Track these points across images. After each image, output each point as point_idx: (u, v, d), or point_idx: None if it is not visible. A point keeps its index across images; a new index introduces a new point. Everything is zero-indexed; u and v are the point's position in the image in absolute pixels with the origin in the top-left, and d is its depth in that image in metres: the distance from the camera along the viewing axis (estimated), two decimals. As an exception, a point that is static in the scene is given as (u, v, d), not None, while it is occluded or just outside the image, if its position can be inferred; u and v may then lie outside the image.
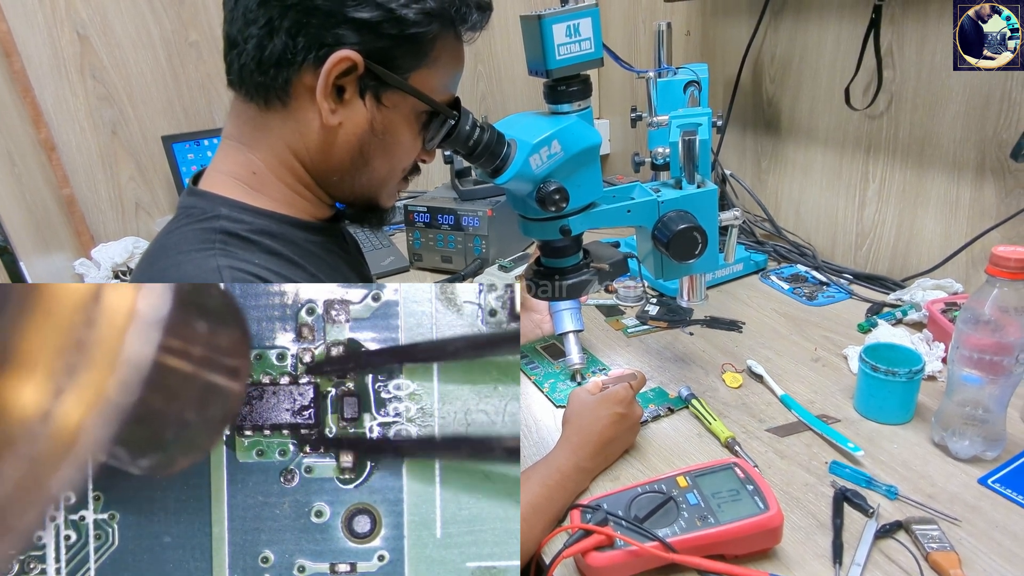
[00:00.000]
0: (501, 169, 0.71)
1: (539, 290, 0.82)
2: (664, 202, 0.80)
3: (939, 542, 0.65)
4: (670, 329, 1.13)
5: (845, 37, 1.22)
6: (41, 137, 1.44)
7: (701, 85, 1.23)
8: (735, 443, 0.82)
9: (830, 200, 1.34)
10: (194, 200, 0.65)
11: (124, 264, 1.44)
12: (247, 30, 0.60)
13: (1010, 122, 1.00)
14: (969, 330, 0.72)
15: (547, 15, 0.68)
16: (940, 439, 0.79)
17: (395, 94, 0.64)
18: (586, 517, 0.68)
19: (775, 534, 0.66)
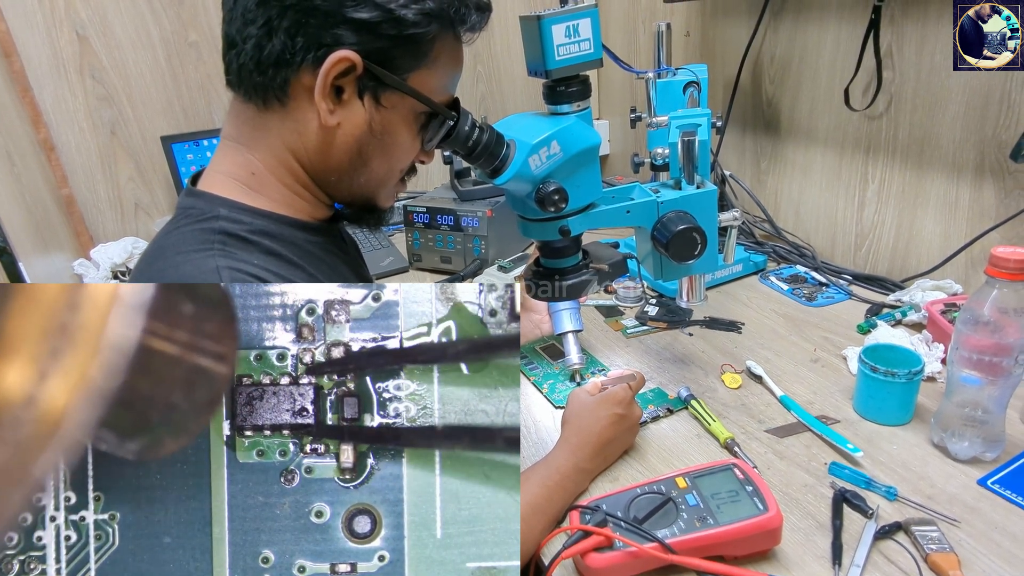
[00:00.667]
0: (500, 170, 0.71)
1: (539, 290, 0.82)
2: (663, 203, 0.80)
3: (938, 543, 0.65)
4: (669, 330, 1.13)
5: (845, 38, 1.22)
6: (40, 137, 1.44)
7: (700, 86, 1.23)
8: (734, 444, 0.82)
9: (829, 201, 1.34)
10: (193, 200, 0.65)
11: (123, 264, 1.44)
12: (246, 30, 0.60)
13: (1009, 123, 1.00)
14: (968, 331, 0.72)
15: (546, 16, 0.68)
16: (939, 440, 0.79)
17: (394, 95, 0.64)
18: (585, 518, 0.68)
19: (774, 535, 0.66)
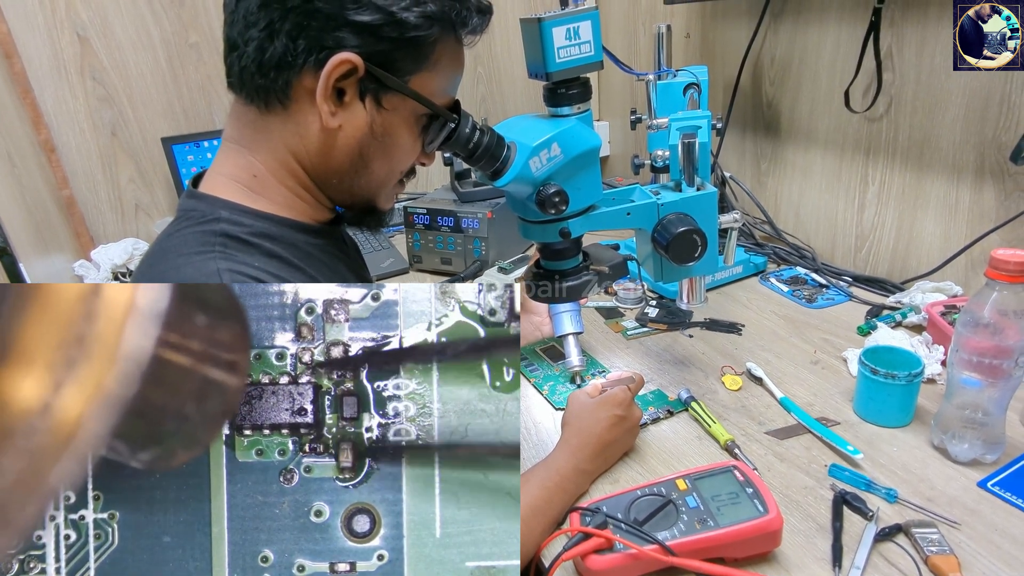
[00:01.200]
0: (501, 172, 0.71)
1: (539, 291, 0.82)
2: (664, 204, 0.80)
3: (938, 545, 0.65)
4: (669, 331, 1.13)
5: (845, 39, 1.23)
6: (41, 138, 1.44)
7: (701, 87, 1.24)
8: (734, 446, 0.82)
9: (829, 202, 1.34)
10: (194, 203, 0.65)
11: (124, 266, 1.44)
12: (247, 32, 0.60)
13: (1009, 125, 1.00)
14: (968, 333, 0.72)
15: (547, 18, 0.68)
16: (939, 442, 0.79)
17: (395, 97, 0.64)
18: (585, 520, 0.68)
19: (774, 537, 0.65)
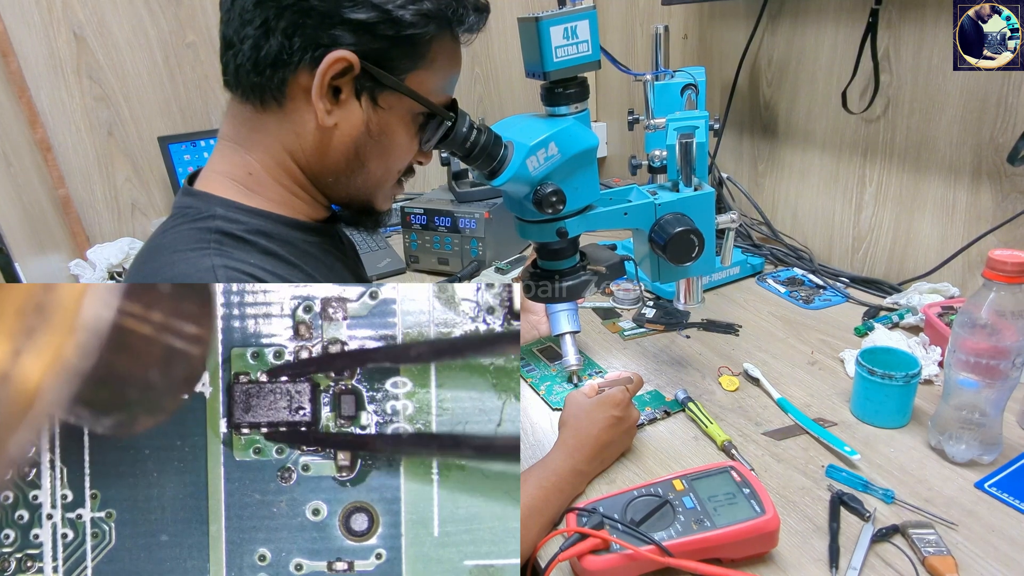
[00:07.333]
0: (498, 171, 0.70)
1: (539, 291, 0.82)
2: (661, 205, 0.80)
3: (936, 546, 0.65)
4: (667, 332, 1.13)
5: (842, 41, 1.23)
6: (37, 138, 1.44)
7: (698, 88, 1.24)
8: (731, 446, 0.82)
9: (827, 203, 1.35)
10: (190, 200, 0.65)
11: (120, 265, 1.44)
12: (243, 31, 0.60)
13: (1006, 126, 1.00)
14: (966, 334, 0.72)
15: (545, 17, 0.68)
16: (937, 443, 0.79)
17: (391, 95, 0.64)
18: (582, 520, 0.68)
19: (771, 538, 0.65)
